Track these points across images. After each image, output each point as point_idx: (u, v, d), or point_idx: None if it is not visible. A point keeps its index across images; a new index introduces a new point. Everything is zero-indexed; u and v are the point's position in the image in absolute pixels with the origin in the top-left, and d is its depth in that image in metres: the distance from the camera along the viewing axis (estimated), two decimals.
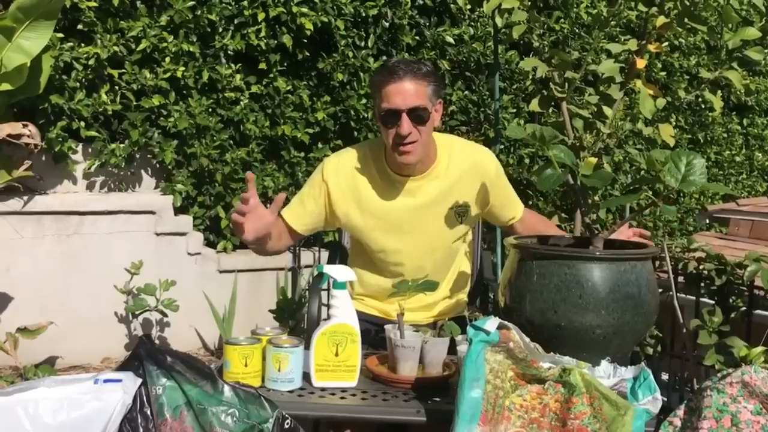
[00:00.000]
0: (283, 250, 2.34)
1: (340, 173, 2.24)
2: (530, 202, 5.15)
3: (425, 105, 2.10)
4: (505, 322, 1.66)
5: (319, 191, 2.25)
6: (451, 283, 2.38)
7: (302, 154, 4.31)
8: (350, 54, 4.30)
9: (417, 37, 4.59)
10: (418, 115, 2.08)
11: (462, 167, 2.26)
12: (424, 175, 2.23)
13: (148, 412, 1.57)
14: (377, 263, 2.32)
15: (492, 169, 2.29)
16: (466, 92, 4.84)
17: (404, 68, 2.09)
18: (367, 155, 2.26)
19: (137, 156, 3.94)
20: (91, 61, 3.68)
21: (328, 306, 1.82)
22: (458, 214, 2.26)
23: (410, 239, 2.26)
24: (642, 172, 1.86)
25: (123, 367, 1.63)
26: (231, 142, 4.09)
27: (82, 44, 3.69)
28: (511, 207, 2.38)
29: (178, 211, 3.98)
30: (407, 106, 2.07)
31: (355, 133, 4.42)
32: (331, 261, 2.65)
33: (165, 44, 3.85)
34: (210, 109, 4.02)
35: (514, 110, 5.03)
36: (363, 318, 2.10)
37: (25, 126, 3.37)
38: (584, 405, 1.51)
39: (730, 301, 2.44)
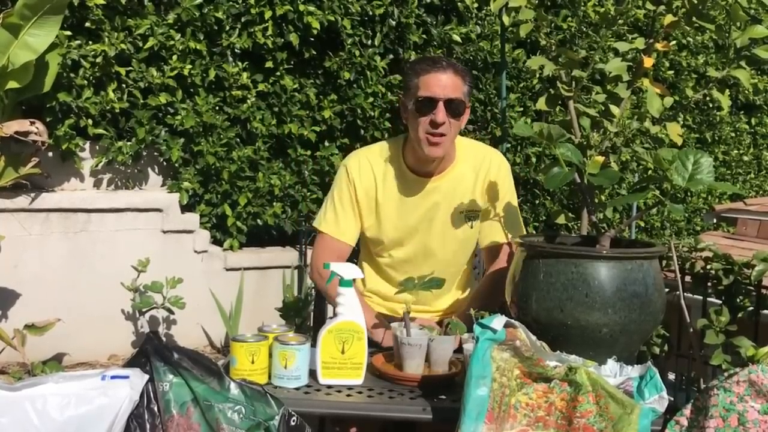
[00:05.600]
0: None
1: (362, 172, 2.24)
2: (537, 201, 5.15)
3: (462, 99, 2.12)
4: (512, 321, 1.66)
5: (350, 197, 2.24)
6: (458, 289, 2.38)
7: (309, 153, 4.31)
8: (357, 52, 4.30)
9: (424, 36, 4.59)
10: (455, 107, 2.10)
11: (475, 170, 2.26)
12: (441, 175, 2.24)
13: (155, 409, 1.57)
14: (386, 270, 2.33)
15: (496, 176, 2.27)
16: (473, 91, 4.83)
17: (447, 61, 2.13)
18: (384, 155, 2.27)
19: (144, 154, 3.95)
20: (99, 59, 3.68)
21: (335, 303, 1.83)
22: (468, 218, 2.26)
23: (421, 243, 2.26)
24: (649, 171, 1.85)
25: (130, 363, 1.64)
26: (238, 140, 4.09)
27: (90, 42, 3.70)
28: (507, 225, 2.28)
29: (185, 208, 3.99)
30: (446, 96, 2.08)
31: (362, 132, 4.42)
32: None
33: (172, 42, 3.85)
34: (217, 107, 4.03)
35: (521, 109, 5.02)
36: None
37: (32, 123, 3.37)
38: (590, 403, 1.51)
39: (738, 300, 2.43)
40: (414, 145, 2.17)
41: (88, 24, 3.68)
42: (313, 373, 1.78)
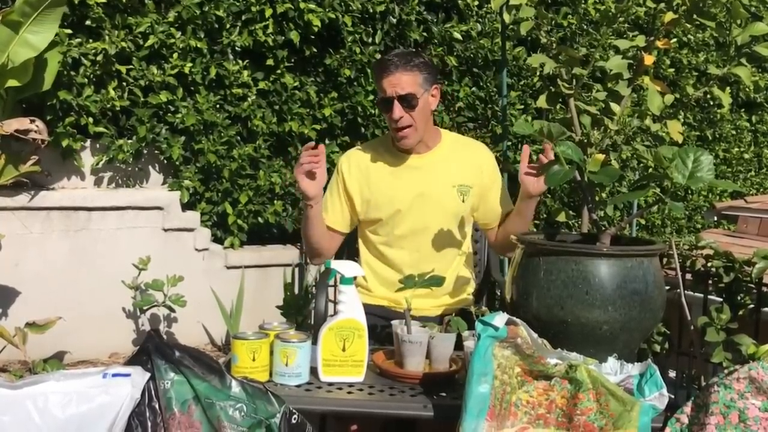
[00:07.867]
0: (334, 250, 2.49)
1: (352, 162, 2.45)
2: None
3: (414, 92, 2.31)
4: (513, 318, 1.66)
5: (337, 188, 2.45)
6: (456, 273, 2.41)
7: None
8: (357, 50, 4.30)
9: (424, 33, 4.59)
10: (408, 101, 2.31)
11: (464, 150, 2.45)
12: (429, 152, 2.42)
13: (157, 407, 1.57)
14: (384, 251, 2.40)
15: (490, 160, 2.46)
16: (474, 89, 4.84)
17: (396, 62, 2.32)
18: (376, 144, 2.52)
19: (145, 152, 3.95)
20: (99, 57, 3.69)
21: (335, 301, 1.83)
22: (460, 192, 2.38)
23: (416, 216, 2.36)
24: (650, 169, 1.85)
25: (131, 361, 1.64)
26: (238, 138, 4.10)
27: (90, 40, 3.70)
28: (506, 202, 2.46)
29: (186, 207, 3.99)
30: (397, 94, 2.31)
31: (362, 129, 4.42)
32: (338, 256, 2.65)
33: (173, 40, 3.85)
34: (217, 105, 4.03)
35: (522, 107, 5.02)
36: (371, 312, 2.11)
37: (32, 121, 3.37)
38: (591, 401, 1.51)
39: (738, 298, 2.44)
40: None
41: (88, 22, 3.68)
42: (314, 371, 1.78)
